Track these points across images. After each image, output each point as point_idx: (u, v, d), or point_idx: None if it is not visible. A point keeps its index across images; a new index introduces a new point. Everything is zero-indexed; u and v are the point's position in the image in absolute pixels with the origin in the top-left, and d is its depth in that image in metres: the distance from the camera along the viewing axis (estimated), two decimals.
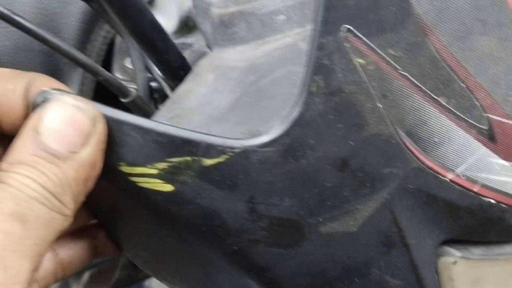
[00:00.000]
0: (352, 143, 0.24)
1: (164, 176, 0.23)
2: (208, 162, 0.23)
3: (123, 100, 0.36)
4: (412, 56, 0.23)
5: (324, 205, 0.25)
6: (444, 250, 0.30)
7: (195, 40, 0.44)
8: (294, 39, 0.29)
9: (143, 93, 0.38)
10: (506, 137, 0.27)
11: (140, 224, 0.28)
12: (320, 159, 0.24)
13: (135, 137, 0.22)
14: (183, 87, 0.32)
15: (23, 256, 0.20)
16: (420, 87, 0.24)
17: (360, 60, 0.22)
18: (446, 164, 0.26)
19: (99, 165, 0.23)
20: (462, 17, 0.24)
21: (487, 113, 0.26)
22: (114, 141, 0.23)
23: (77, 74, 0.45)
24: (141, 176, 0.23)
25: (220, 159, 0.23)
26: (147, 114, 0.35)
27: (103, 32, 0.43)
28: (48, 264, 0.28)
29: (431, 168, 0.25)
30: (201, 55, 0.37)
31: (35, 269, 0.21)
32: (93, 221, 0.31)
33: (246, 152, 0.23)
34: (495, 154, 0.27)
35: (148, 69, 0.40)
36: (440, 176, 0.26)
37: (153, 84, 0.41)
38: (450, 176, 0.26)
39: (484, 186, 0.27)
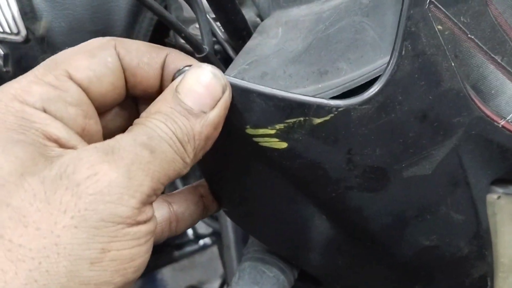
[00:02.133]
0: (431, 97, 0.28)
1: (280, 135, 0.27)
2: (317, 121, 0.27)
3: (197, 55, 0.40)
4: (477, 22, 0.28)
5: (407, 152, 0.29)
6: (491, 188, 0.35)
7: (244, 12, 0.48)
8: None
9: (211, 53, 0.42)
10: None
11: (251, 180, 0.32)
12: (406, 113, 0.28)
13: (260, 103, 0.26)
14: (251, 42, 0.36)
15: (146, 174, 0.24)
16: (482, 47, 0.29)
17: (439, 27, 0.27)
18: (499, 112, 0.31)
19: (220, 128, 0.27)
20: None
21: None
22: (242, 107, 0.27)
23: None
24: (262, 136, 0.27)
25: (327, 117, 0.27)
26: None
27: (149, 14, 0.47)
28: (164, 213, 0.32)
29: (488, 116, 0.30)
30: (252, 24, 0.41)
31: (154, 189, 0.24)
32: (202, 182, 0.35)
33: (348, 110, 0.27)
34: None
35: (213, 33, 0.44)
36: (495, 123, 0.31)
37: (216, 47, 0.45)
38: (502, 122, 0.31)
39: None
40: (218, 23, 0.43)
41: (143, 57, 0.28)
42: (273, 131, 0.27)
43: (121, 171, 0.23)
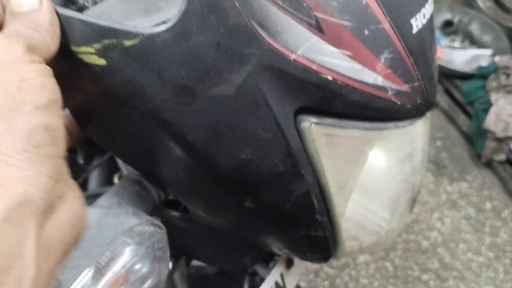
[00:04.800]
0: (221, 30, 0.37)
1: (99, 53, 0.36)
2: (128, 43, 0.36)
3: (72, 7, 0.49)
4: None
5: (208, 75, 0.38)
6: (304, 117, 0.43)
7: None
8: None
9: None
10: (331, 29, 0.40)
11: (92, 99, 0.40)
12: (202, 41, 0.37)
13: (79, 26, 0.35)
14: None
15: (18, 36, 0.32)
16: None
17: None
18: (289, 47, 0.39)
19: (54, 14, 0.35)
20: None
21: (313, 11, 0.39)
22: (68, 30, 0.35)
23: None
24: (85, 53, 0.36)
25: (135, 41, 0.36)
26: None
27: None
28: None
29: (278, 50, 0.39)
30: None
31: (30, 46, 0.32)
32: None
33: (152, 36, 0.36)
34: (325, 41, 0.40)
35: None
36: (286, 56, 0.39)
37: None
38: (293, 56, 0.39)
39: (320, 65, 0.40)
40: None
41: None
42: (92, 49, 0.36)
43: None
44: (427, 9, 0.48)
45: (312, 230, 0.48)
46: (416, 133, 0.53)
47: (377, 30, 0.42)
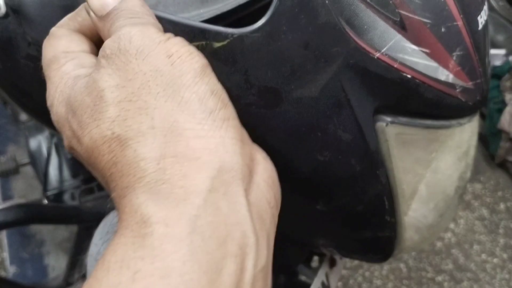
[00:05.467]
0: (310, 29, 0.35)
1: None
2: (217, 44, 0.34)
3: None
4: None
5: (295, 76, 0.36)
6: (379, 117, 0.42)
7: None
8: None
9: None
10: (413, 27, 0.39)
11: None
12: (291, 41, 0.35)
13: (169, 28, 0.33)
14: None
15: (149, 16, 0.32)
16: None
17: None
18: (374, 46, 0.38)
19: None
20: None
21: (398, 9, 0.38)
22: None
23: None
24: None
25: (225, 42, 0.34)
26: None
27: None
28: None
29: (364, 48, 0.38)
30: None
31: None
32: None
33: (241, 37, 0.34)
34: (407, 39, 0.39)
35: None
36: (370, 54, 0.38)
37: None
38: (377, 54, 0.38)
39: (402, 64, 0.40)
40: None
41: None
42: None
43: (138, 26, 0.31)
44: (486, 6, 0.47)
45: (380, 231, 0.47)
46: (472, 130, 0.53)
47: (451, 28, 0.41)
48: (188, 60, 0.30)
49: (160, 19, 0.33)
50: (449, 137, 0.48)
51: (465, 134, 0.51)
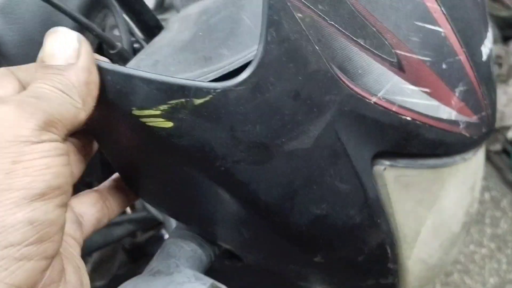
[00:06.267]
0: (300, 78, 0.32)
1: (165, 115, 0.31)
2: (198, 101, 0.31)
3: (111, 51, 0.44)
4: (335, 10, 0.32)
5: (285, 128, 0.33)
6: (377, 161, 0.39)
7: (170, 16, 0.53)
8: None
9: (128, 51, 0.47)
10: (411, 67, 0.36)
11: (149, 161, 0.35)
12: (279, 93, 0.32)
13: (142, 86, 0.30)
14: (156, 38, 0.42)
15: (36, 108, 0.26)
16: (343, 32, 0.33)
17: (299, 14, 0.31)
18: (370, 90, 0.35)
19: (94, 71, 0.30)
20: None
21: (394, 49, 0.35)
22: (127, 91, 0.30)
23: None
24: (149, 117, 0.31)
25: (207, 98, 0.31)
26: None
27: (97, 20, 0.52)
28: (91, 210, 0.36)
29: (359, 94, 0.34)
30: None
31: (50, 120, 0.27)
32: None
33: (225, 91, 0.31)
34: (406, 81, 0.36)
35: (131, 33, 0.49)
36: (366, 100, 0.35)
37: (136, 45, 0.50)
38: (373, 99, 0.35)
39: (401, 106, 0.37)
40: None
41: (33, 72, 0.32)
42: (158, 112, 0.31)
43: (13, 105, 0.26)
44: (490, 32, 0.44)
45: (383, 278, 0.44)
46: (478, 163, 0.50)
47: (453, 63, 0.38)
48: (32, 176, 0.25)
49: (131, 77, 0.30)
50: (453, 174, 0.45)
51: (470, 169, 0.48)
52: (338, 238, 0.39)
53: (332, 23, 0.32)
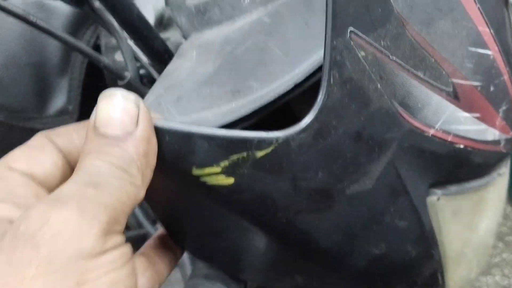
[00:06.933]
0: (362, 118, 0.30)
1: (226, 171, 0.28)
2: (260, 153, 0.28)
3: (120, 82, 0.41)
4: (397, 44, 0.30)
5: (347, 172, 0.31)
6: (430, 191, 0.37)
7: (171, 34, 0.50)
8: (259, 15, 0.35)
9: (134, 78, 0.43)
10: (465, 94, 0.34)
11: (207, 219, 0.32)
12: (341, 136, 0.30)
13: (202, 143, 0.27)
14: (170, 66, 0.37)
15: (98, 206, 0.23)
16: (404, 66, 0.31)
17: (362, 53, 0.29)
18: (428, 123, 0.33)
19: (153, 140, 0.27)
20: (425, 8, 0.31)
21: (450, 78, 0.33)
22: (186, 151, 0.27)
23: (65, 82, 0.49)
24: (209, 175, 0.28)
25: (269, 149, 0.28)
26: (141, 95, 0.41)
27: (87, 36, 0.48)
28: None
29: (418, 128, 0.32)
30: (178, 45, 0.42)
31: (113, 217, 0.24)
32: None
33: (287, 140, 0.29)
34: (460, 109, 0.34)
35: (137, 59, 0.45)
36: (425, 133, 0.33)
37: (142, 71, 0.46)
38: (431, 131, 0.33)
39: (455, 135, 0.35)
40: None
41: (72, 137, 0.28)
42: (219, 169, 0.28)
43: (72, 209, 0.23)
44: None
45: None
46: (508, 174, 0.49)
47: (499, 84, 0.37)
48: None
49: (191, 135, 0.27)
50: (492, 192, 0.44)
51: (503, 182, 0.47)
52: (395, 274, 0.37)
53: (394, 58, 0.30)
